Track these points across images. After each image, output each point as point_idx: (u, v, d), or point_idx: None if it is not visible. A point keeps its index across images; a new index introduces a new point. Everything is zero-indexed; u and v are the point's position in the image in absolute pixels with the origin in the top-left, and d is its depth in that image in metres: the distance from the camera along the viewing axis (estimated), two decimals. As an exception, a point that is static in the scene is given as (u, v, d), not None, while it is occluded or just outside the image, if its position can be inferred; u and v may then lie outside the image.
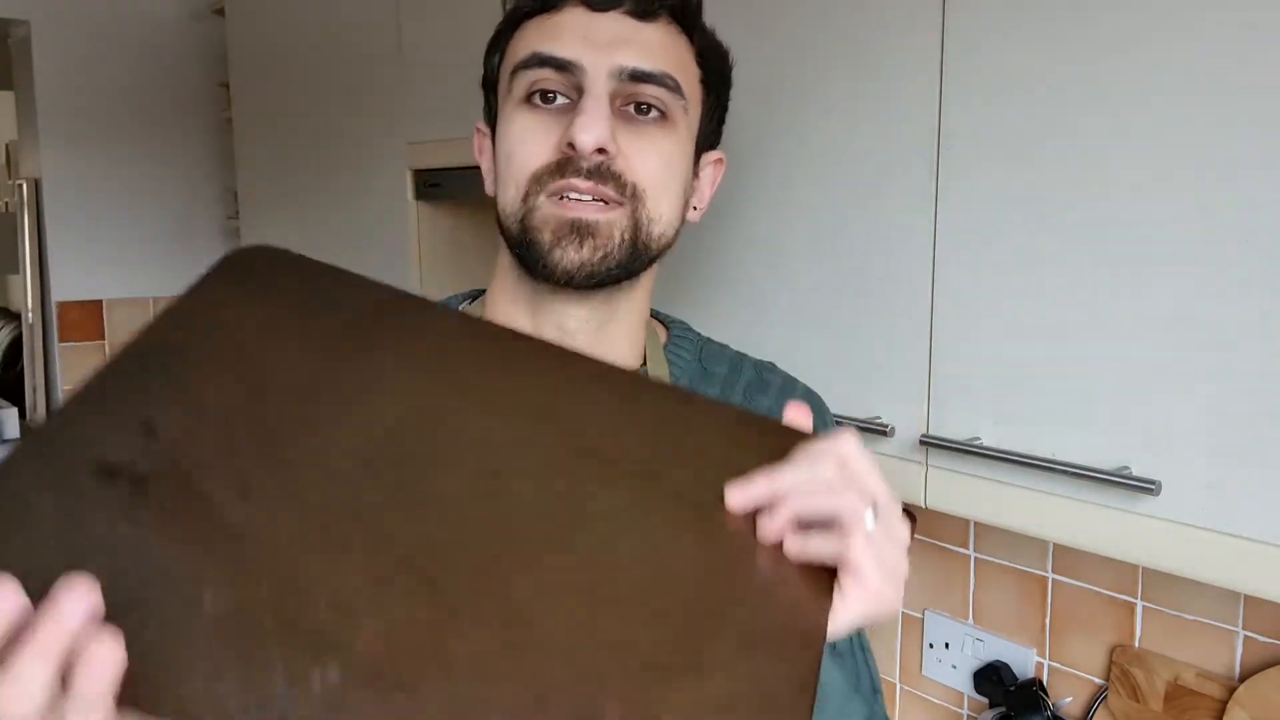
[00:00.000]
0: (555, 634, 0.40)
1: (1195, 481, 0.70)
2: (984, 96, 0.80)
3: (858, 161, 0.90)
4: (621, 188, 0.63)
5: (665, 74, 0.64)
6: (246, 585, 0.40)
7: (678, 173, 0.67)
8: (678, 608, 0.43)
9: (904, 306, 0.87)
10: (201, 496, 0.43)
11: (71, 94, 2.45)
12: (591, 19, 0.64)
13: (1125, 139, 0.72)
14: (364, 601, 0.40)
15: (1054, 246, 0.77)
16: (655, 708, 0.39)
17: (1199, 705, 1.00)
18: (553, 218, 0.63)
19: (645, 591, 0.43)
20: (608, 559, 0.44)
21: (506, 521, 0.45)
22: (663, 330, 0.77)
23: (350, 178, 1.70)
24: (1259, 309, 0.66)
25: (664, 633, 0.41)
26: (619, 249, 0.64)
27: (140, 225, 2.58)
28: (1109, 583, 1.08)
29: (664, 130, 0.65)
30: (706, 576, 0.45)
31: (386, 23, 1.55)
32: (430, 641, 0.39)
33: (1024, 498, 0.80)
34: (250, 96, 2.10)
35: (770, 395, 0.73)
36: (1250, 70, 0.65)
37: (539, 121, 0.64)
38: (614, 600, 0.42)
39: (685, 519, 0.47)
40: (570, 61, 0.63)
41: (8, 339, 3.22)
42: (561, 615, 0.41)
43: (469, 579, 0.42)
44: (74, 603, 0.37)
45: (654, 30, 0.65)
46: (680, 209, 0.69)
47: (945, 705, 1.26)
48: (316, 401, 0.49)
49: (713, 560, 0.45)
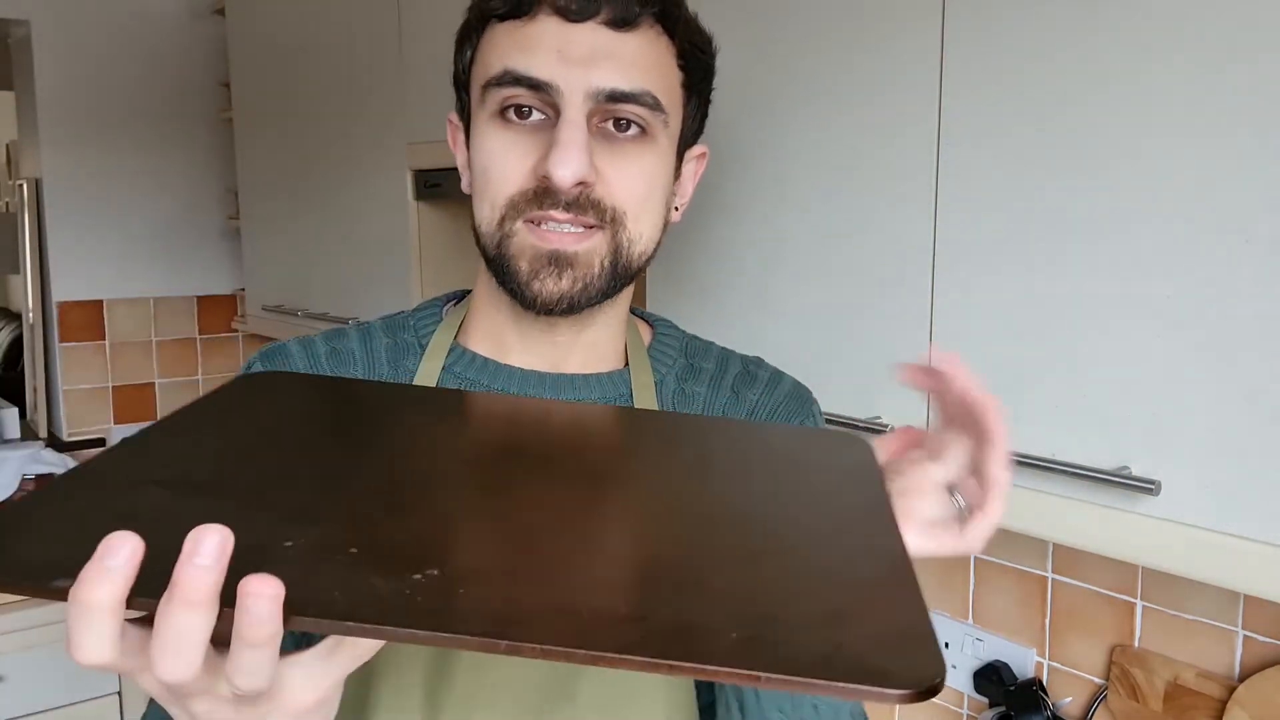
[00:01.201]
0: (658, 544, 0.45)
1: (1195, 481, 0.70)
2: (984, 97, 0.80)
3: (858, 162, 0.90)
4: (601, 214, 0.62)
5: (644, 92, 0.61)
6: (328, 530, 0.41)
7: (659, 189, 0.65)
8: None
9: (904, 306, 0.87)
10: (263, 497, 0.44)
11: (71, 94, 2.45)
12: (567, 30, 0.60)
13: (1125, 140, 0.72)
14: (449, 533, 0.43)
15: (1054, 247, 0.77)
16: (758, 574, 0.42)
17: (1199, 705, 1.00)
18: (529, 248, 0.62)
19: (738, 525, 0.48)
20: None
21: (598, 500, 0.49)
22: (647, 330, 0.76)
23: (350, 178, 1.70)
24: (1259, 309, 0.66)
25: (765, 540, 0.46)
26: (599, 278, 0.63)
27: (140, 225, 2.58)
28: (1109, 583, 1.08)
29: (644, 146, 0.63)
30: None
31: (386, 23, 1.55)
32: (527, 541, 0.42)
33: (1024, 498, 0.80)
34: (251, 96, 2.10)
35: (758, 388, 0.73)
36: (1251, 71, 0.65)
37: (514, 140, 0.62)
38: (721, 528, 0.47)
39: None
40: (545, 82, 0.60)
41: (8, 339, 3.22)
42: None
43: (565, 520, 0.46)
44: (214, 543, 0.33)
45: (634, 40, 0.62)
46: (662, 221, 0.67)
47: (945, 705, 1.26)
48: (360, 451, 0.52)
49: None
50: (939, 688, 0.34)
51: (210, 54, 2.61)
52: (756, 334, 1.00)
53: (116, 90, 2.51)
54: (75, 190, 2.49)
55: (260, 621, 0.33)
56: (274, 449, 0.50)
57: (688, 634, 0.36)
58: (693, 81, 0.67)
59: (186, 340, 2.69)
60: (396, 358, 0.71)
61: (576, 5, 0.60)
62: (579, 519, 0.46)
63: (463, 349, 0.70)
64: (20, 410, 2.62)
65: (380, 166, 1.60)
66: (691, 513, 0.49)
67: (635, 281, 0.69)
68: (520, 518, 0.45)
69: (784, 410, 0.73)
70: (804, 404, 0.75)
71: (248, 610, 0.33)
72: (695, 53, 0.66)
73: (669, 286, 1.10)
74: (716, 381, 0.73)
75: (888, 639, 0.37)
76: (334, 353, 0.71)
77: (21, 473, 2.26)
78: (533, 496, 0.48)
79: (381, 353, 0.71)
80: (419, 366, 0.69)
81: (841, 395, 0.92)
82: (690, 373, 0.73)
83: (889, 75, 0.86)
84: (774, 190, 0.98)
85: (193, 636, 0.34)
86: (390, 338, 0.72)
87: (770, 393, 0.74)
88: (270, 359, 0.70)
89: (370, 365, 0.70)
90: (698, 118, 0.69)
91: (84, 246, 2.51)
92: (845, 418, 0.91)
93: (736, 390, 0.73)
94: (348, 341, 0.72)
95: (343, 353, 0.71)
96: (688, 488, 0.52)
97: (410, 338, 0.72)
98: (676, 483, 0.52)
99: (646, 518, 0.48)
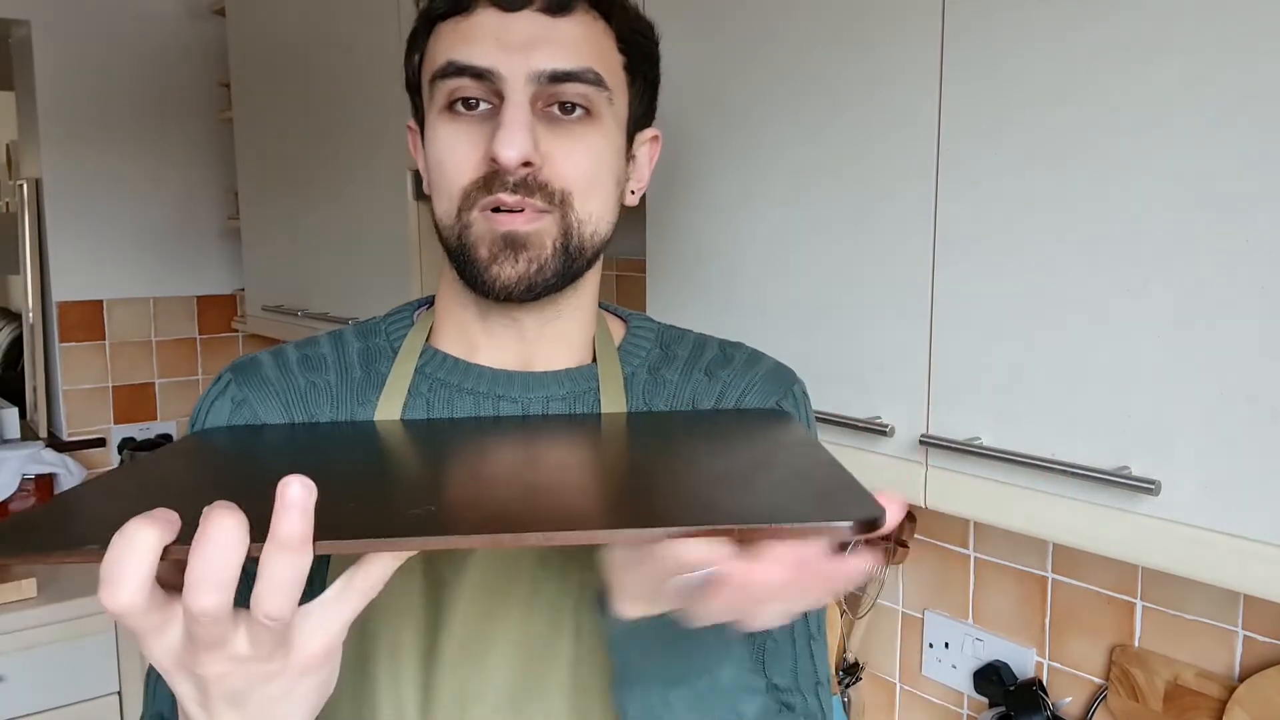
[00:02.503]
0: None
1: (1195, 481, 0.70)
2: (984, 97, 0.80)
3: (858, 162, 0.90)
4: (549, 196, 0.63)
5: (585, 69, 0.63)
6: (334, 495, 0.46)
7: (607, 168, 0.67)
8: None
9: (904, 306, 0.87)
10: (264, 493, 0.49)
11: (71, 94, 2.45)
12: (504, 20, 0.63)
13: (1125, 140, 0.72)
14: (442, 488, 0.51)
15: (1054, 247, 0.77)
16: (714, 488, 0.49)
17: (1199, 705, 1.00)
18: (487, 233, 0.64)
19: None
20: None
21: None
22: (619, 325, 0.76)
23: (350, 178, 1.70)
24: (1258, 309, 0.66)
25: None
26: (552, 259, 0.64)
27: (140, 225, 2.58)
28: (1109, 582, 1.08)
29: (589, 126, 0.65)
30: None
31: (386, 23, 1.55)
32: (509, 490, 0.49)
33: (1024, 498, 0.80)
34: (250, 96, 2.10)
35: (732, 367, 0.73)
36: (1251, 70, 0.65)
37: (463, 131, 0.64)
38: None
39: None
40: (486, 69, 0.62)
41: (8, 339, 3.23)
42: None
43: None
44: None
45: (570, 24, 0.64)
46: (615, 201, 0.69)
47: (945, 705, 1.26)
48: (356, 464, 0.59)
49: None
50: (880, 522, 0.42)
51: (210, 54, 2.61)
52: (757, 334, 1.00)
53: (116, 90, 2.51)
54: (75, 190, 2.49)
55: (293, 522, 0.39)
56: (247, 480, 0.56)
57: (659, 510, 0.44)
58: (634, 64, 0.68)
59: (186, 340, 2.69)
60: (369, 361, 0.71)
61: None
62: (549, 486, 0.51)
63: (434, 350, 0.71)
64: (20, 410, 2.62)
65: (380, 166, 1.61)
66: (642, 470, 0.55)
67: (596, 270, 0.71)
68: (496, 485, 0.51)
69: (759, 389, 0.73)
70: (781, 385, 0.74)
71: (286, 507, 0.39)
72: (635, 36, 0.68)
73: (667, 287, 1.10)
74: (689, 366, 0.73)
75: (829, 494, 0.46)
76: (305, 359, 0.72)
77: (21, 473, 2.26)
78: (498, 483, 0.54)
79: (354, 357, 0.72)
80: (392, 369, 0.70)
81: (841, 395, 0.92)
82: (664, 360, 0.74)
83: (889, 73, 0.86)
84: (773, 190, 0.98)
85: (292, 576, 0.40)
86: (362, 342, 0.73)
87: (744, 372, 0.73)
88: (242, 371, 0.71)
89: (343, 369, 0.71)
90: (644, 99, 0.71)
91: (84, 246, 2.51)
92: (845, 417, 0.91)
93: (710, 372, 0.73)
94: (319, 348, 0.72)
95: (313, 358, 0.72)
96: (638, 458, 0.59)
97: (382, 342, 0.73)
98: (626, 457, 0.59)
99: (604, 477, 0.54)
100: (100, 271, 2.54)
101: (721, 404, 0.72)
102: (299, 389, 0.70)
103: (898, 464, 0.88)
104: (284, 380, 0.70)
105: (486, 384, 0.69)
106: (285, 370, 0.71)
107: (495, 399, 0.69)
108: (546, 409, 0.69)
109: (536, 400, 0.69)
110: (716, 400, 0.72)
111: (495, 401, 0.69)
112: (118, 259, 2.56)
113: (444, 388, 0.69)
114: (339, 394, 0.70)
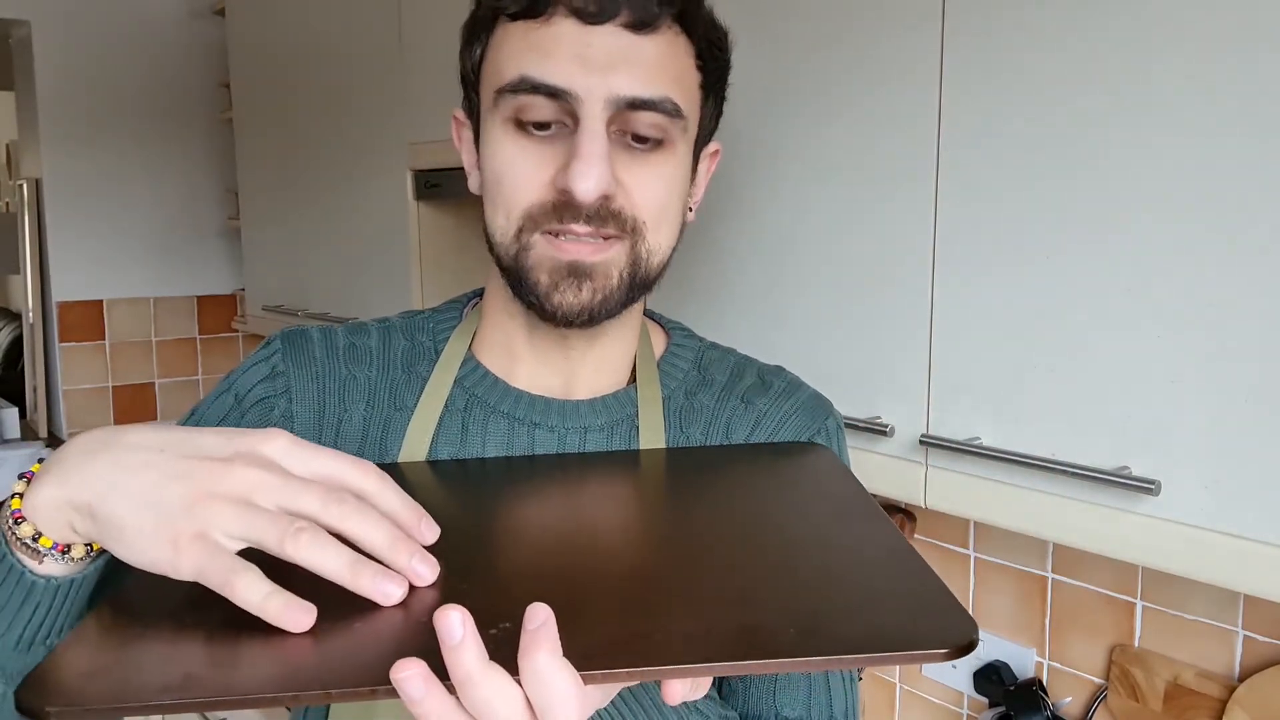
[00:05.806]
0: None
1: (1195, 481, 0.70)
2: (984, 98, 0.80)
3: (858, 163, 0.90)
4: (622, 224, 0.60)
5: (664, 99, 0.59)
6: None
7: (678, 196, 0.64)
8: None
9: (904, 306, 0.87)
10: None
11: (71, 94, 2.45)
12: (585, 34, 0.58)
13: (1126, 139, 0.72)
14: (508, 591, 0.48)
15: (1054, 247, 0.77)
16: (787, 579, 0.48)
17: (1199, 705, 1.00)
18: (548, 259, 0.60)
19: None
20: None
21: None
22: (661, 337, 0.75)
23: (350, 178, 1.70)
24: (1259, 309, 0.66)
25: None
26: (617, 289, 0.62)
27: (140, 225, 2.58)
28: (1109, 583, 1.08)
29: (664, 155, 0.61)
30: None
31: (386, 23, 1.55)
32: (575, 586, 0.47)
33: (1024, 498, 0.80)
34: (250, 96, 2.10)
35: (769, 396, 0.72)
36: (1251, 71, 0.65)
37: (531, 150, 0.60)
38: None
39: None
40: (564, 90, 0.57)
41: (8, 339, 3.23)
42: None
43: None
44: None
45: (653, 44, 0.59)
46: (679, 228, 0.66)
47: (945, 705, 1.26)
48: None
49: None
50: (974, 644, 0.41)
51: (210, 55, 2.61)
52: (757, 334, 1.00)
53: (116, 90, 2.51)
54: (75, 190, 2.49)
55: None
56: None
57: (752, 636, 0.42)
58: (710, 81, 0.65)
59: (186, 340, 2.69)
60: (411, 362, 0.70)
61: (595, 6, 0.57)
62: (609, 563, 0.50)
63: (476, 362, 0.69)
64: (20, 410, 2.62)
65: (380, 166, 1.61)
66: (696, 537, 0.53)
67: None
68: (555, 564, 0.49)
69: (794, 421, 0.71)
70: (816, 417, 0.72)
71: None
72: (713, 51, 0.64)
73: (671, 288, 1.10)
74: (726, 392, 0.71)
75: (919, 611, 0.43)
76: (352, 348, 0.71)
77: (21, 473, 2.26)
78: (552, 546, 0.52)
79: (398, 355, 0.71)
80: (431, 376, 0.69)
81: (841, 395, 0.92)
82: (701, 385, 0.72)
83: (889, 76, 0.86)
84: (773, 191, 0.98)
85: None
86: (408, 340, 0.71)
87: (781, 402, 0.72)
88: (291, 342, 0.70)
89: (385, 366, 0.70)
90: (714, 116, 0.68)
91: (84, 246, 2.51)
92: (845, 418, 0.91)
93: (747, 399, 0.72)
94: (367, 339, 0.71)
95: (360, 349, 0.71)
96: (685, 516, 0.56)
97: (427, 341, 0.71)
98: (671, 512, 0.57)
99: (654, 549, 0.52)
100: (100, 271, 2.54)
101: (756, 432, 0.70)
102: (339, 378, 0.69)
103: (898, 464, 0.88)
104: (329, 363, 0.69)
105: (524, 409, 0.67)
106: (332, 354, 0.70)
107: (531, 426, 0.67)
108: (584, 440, 0.67)
109: (574, 431, 0.67)
110: (751, 429, 0.70)
111: (531, 430, 0.67)
112: (118, 259, 2.56)
113: (480, 407, 0.68)
114: (377, 391, 0.69)
